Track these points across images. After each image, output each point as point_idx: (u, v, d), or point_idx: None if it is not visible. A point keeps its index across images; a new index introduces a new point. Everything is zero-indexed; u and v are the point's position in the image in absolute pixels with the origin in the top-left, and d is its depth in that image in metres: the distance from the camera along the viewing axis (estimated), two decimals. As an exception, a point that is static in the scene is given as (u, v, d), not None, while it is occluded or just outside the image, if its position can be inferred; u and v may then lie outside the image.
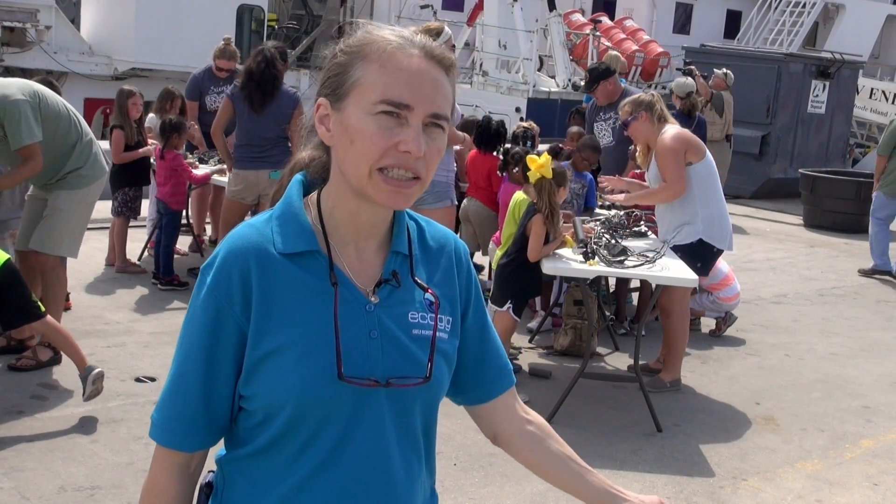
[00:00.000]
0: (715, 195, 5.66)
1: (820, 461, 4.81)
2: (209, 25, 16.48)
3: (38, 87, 5.13)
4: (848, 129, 16.23)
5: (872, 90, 19.97)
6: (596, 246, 5.14)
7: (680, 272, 5.06)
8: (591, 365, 5.51)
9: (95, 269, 7.31)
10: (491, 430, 1.70)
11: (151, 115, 7.93)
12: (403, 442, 1.50)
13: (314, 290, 1.45)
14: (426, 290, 1.53)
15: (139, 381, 5.11)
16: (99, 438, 4.38)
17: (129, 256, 7.45)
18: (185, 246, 8.08)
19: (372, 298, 1.48)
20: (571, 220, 5.48)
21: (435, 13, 19.07)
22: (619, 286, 7.01)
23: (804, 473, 4.64)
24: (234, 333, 1.45)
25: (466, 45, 19.41)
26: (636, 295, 7.25)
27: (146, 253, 7.76)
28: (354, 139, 1.41)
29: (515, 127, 7.62)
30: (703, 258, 5.63)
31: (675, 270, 5.07)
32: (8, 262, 4.55)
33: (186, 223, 7.92)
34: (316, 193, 1.52)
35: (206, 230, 8.51)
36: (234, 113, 6.53)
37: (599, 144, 7.15)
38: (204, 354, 1.45)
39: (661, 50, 19.91)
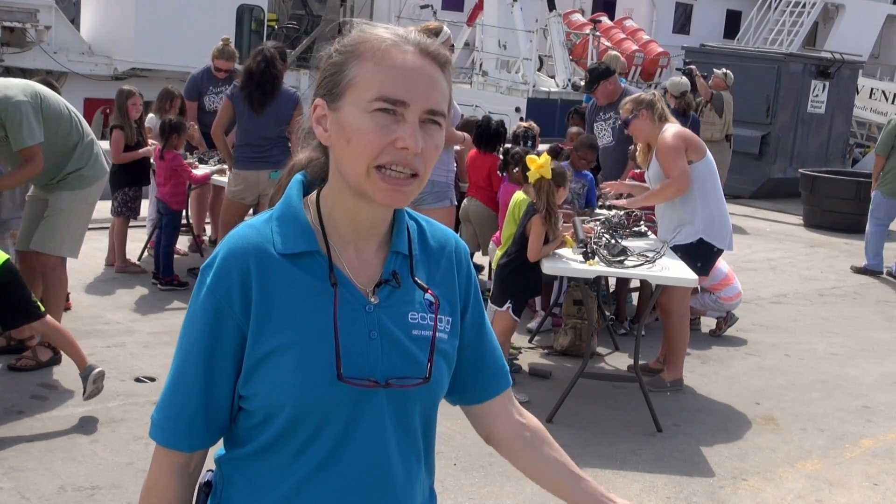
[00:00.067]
0: (715, 195, 5.66)
1: (820, 461, 4.81)
2: (209, 25, 16.46)
3: (39, 87, 5.13)
4: (848, 129, 16.23)
5: (872, 90, 19.98)
6: (596, 246, 5.14)
7: (680, 272, 5.06)
8: (591, 365, 5.52)
9: (95, 269, 7.31)
10: (485, 430, 1.70)
11: (151, 115, 7.92)
12: (403, 442, 1.50)
13: (314, 290, 1.45)
14: (426, 290, 1.53)
15: (139, 381, 5.11)
16: (99, 438, 4.38)
17: (128, 256, 7.45)
18: (184, 246, 8.09)
19: (372, 299, 1.48)
20: (571, 220, 5.48)
21: (435, 13, 19.06)
22: (619, 286, 7.02)
23: (804, 473, 4.64)
24: (233, 334, 1.45)
25: (466, 45, 19.40)
26: (636, 295, 7.25)
27: (146, 253, 7.76)
28: (351, 137, 1.41)
29: (516, 127, 7.61)
30: (703, 258, 5.63)
31: (675, 270, 5.07)
32: (7, 262, 4.55)
33: (186, 223, 7.92)
34: (315, 193, 1.52)
35: (205, 230, 8.51)
36: (234, 113, 6.52)
37: (596, 142, 7.15)
38: (204, 355, 1.45)
39: (660, 50, 19.89)
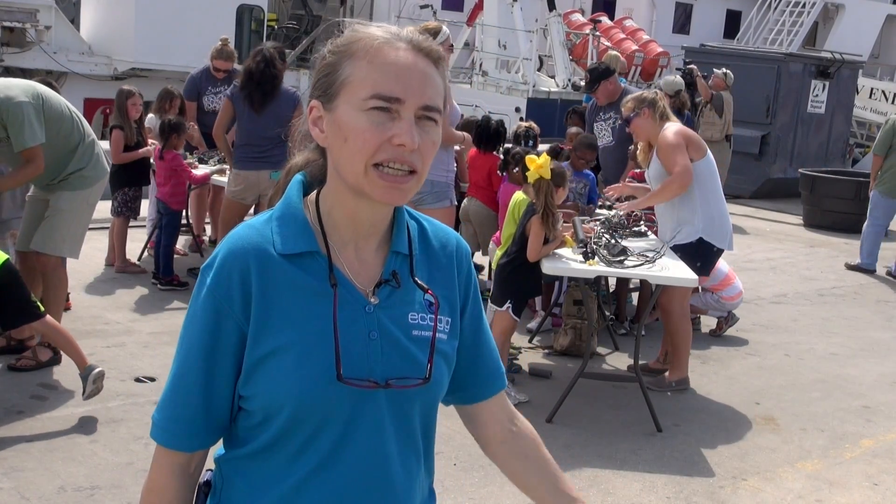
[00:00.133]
0: (715, 194, 5.66)
1: (820, 461, 4.81)
2: (209, 25, 16.45)
3: (40, 88, 5.12)
4: (848, 128, 16.23)
5: (872, 90, 19.99)
6: (596, 246, 5.14)
7: (680, 272, 5.06)
8: (591, 365, 5.51)
9: (95, 269, 7.31)
10: (475, 430, 1.71)
11: (151, 115, 7.92)
12: (402, 442, 1.50)
13: (313, 291, 1.45)
14: (426, 290, 1.53)
15: (139, 381, 5.11)
16: (99, 438, 4.38)
17: (128, 256, 7.45)
18: (184, 246, 8.09)
19: (371, 299, 1.48)
20: (571, 220, 5.48)
21: (435, 13, 19.05)
22: (619, 286, 7.01)
23: (804, 473, 4.64)
24: (233, 334, 1.45)
25: (466, 45, 19.39)
26: (636, 295, 7.25)
27: (146, 253, 7.76)
28: (348, 136, 1.41)
29: (517, 126, 7.61)
30: (703, 258, 5.62)
31: (674, 270, 5.07)
32: (7, 262, 4.55)
33: (186, 223, 7.92)
34: (315, 194, 1.52)
35: (205, 230, 8.52)
36: (234, 113, 6.52)
37: (596, 142, 7.15)
38: (204, 355, 1.45)
39: (660, 50, 19.88)
